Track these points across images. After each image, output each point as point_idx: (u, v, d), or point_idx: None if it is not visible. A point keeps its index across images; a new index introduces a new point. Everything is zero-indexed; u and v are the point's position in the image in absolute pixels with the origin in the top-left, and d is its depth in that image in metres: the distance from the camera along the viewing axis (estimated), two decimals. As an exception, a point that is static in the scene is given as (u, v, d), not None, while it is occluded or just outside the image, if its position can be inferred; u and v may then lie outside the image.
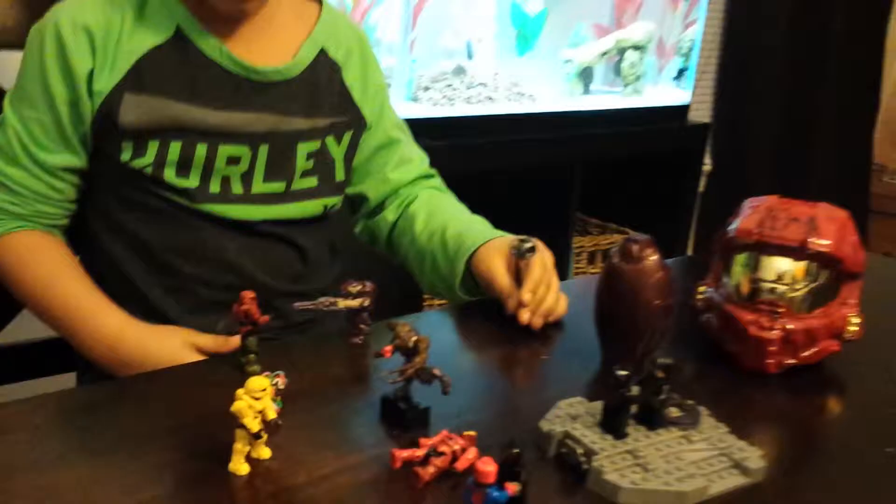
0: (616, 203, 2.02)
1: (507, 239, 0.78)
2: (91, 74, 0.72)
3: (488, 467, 0.43)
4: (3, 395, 0.62)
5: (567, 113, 1.72)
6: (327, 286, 0.82)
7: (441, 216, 0.86)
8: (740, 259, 0.68)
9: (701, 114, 2.48)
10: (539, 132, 1.66)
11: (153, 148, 0.73)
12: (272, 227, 0.79)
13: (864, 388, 0.67)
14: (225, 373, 0.61)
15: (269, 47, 0.77)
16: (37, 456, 0.51)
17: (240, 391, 0.48)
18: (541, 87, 1.69)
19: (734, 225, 0.67)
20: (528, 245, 0.73)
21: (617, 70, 1.84)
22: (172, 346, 0.68)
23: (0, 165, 0.74)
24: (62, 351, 0.91)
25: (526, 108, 1.65)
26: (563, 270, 1.76)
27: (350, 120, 0.83)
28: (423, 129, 1.40)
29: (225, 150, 0.74)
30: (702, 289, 0.72)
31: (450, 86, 1.55)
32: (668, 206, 2.01)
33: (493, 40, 1.65)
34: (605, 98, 1.82)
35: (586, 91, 1.78)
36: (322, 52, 0.80)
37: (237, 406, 0.47)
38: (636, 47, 1.81)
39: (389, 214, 0.89)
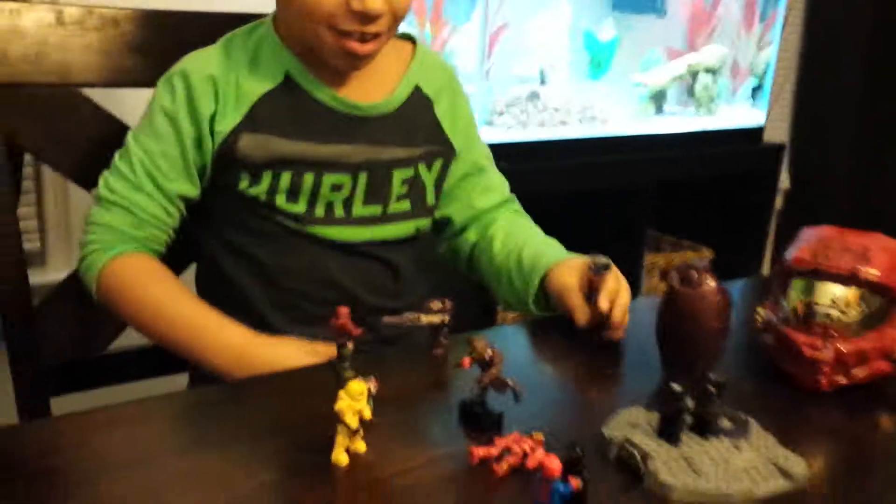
0: (692, 221, 2.05)
1: (581, 259, 0.84)
2: (213, 116, 0.83)
3: (554, 463, 0.50)
4: (118, 396, 0.72)
5: (639, 136, 1.77)
6: (417, 301, 0.90)
7: (518, 237, 0.93)
8: (797, 284, 0.73)
9: (777, 134, 2.48)
10: (612, 154, 1.71)
11: (267, 178, 0.83)
12: (370, 248, 0.88)
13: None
14: (323, 378, 0.69)
15: (370, 86, 0.87)
16: (165, 447, 0.60)
17: (341, 392, 0.56)
18: (613, 110, 1.75)
19: (790, 253, 0.72)
20: (602, 261, 0.79)
21: (690, 92, 1.88)
22: (297, 352, 0.77)
23: (125, 191, 0.84)
24: (169, 355, 1.02)
25: (598, 132, 1.71)
26: (634, 286, 1.80)
27: (441, 149, 0.92)
28: (497, 153, 1.49)
29: (329, 179, 0.85)
30: (761, 311, 0.77)
31: (524, 110, 1.62)
32: (744, 225, 2.03)
33: (566, 66, 1.72)
34: (679, 120, 1.86)
35: (659, 113, 1.82)
36: (416, 89, 0.90)
37: (339, 405, 0.55)
38: (709, 70, 1.84)
39: (471, 236, 0.97)
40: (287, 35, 0.86)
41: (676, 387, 0.57)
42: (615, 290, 0.79)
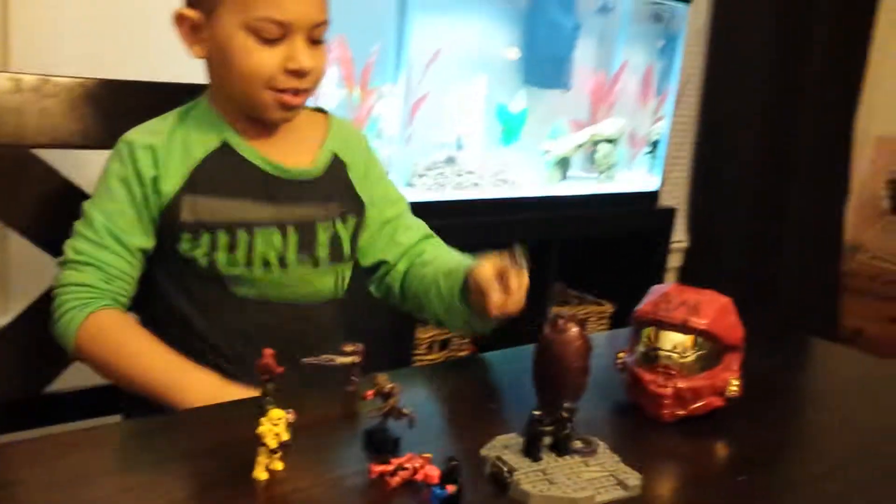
0: (596, 277, 2.23)
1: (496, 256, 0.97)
2: (156, 179, 0.95)
3: (434, 472, 0.63)
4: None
5: (546, 197, 1.94)
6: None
7: (444, 256, 1.08)
8: (645, 332, 0.88)
9: (672, 198, 2.71)
10: (521, 213, 1.87)
11: (206, 238, 0.95)
12: (297, 307, 1.01)
13: (738, 433, 0.87)
14: (249, 411, 0.81)
15: (294, 153, 1.02)
16: (103, 468, 0.71)
17: (263, 419, 0.68)
18: (523, 174, 1.92)
19: (639, 305, 0.88)
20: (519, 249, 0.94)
21: (592, 159, 2.07)
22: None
23: (92, 251, 0.95)
24: (105, 396, 1.11)
25: (509, 193, 1.87)
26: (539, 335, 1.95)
27: (353, 207, 1.05)
28: (417, 212, 1.63)
29: (262, 235, 0.97)
30: (620, 355, 0.93)
31: (441, 173, 1.78)
32: (643, 281, 2.20)
33: (480, 134, 1.89)
34: (581, 184, 2.04)
35: (564, 178, 2.01)
36: (334, 155, 1.04)
37: (261, 429, 0.67)
38: (609, 140, 2.04)
39: (401, 267, 1.10)
40: (222, 107, 0.99)
41: (536, 413, 0.71)
42: (519, 274, 0.94)
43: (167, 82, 1.12)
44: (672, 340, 0.86)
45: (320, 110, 1.09)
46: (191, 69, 1.04)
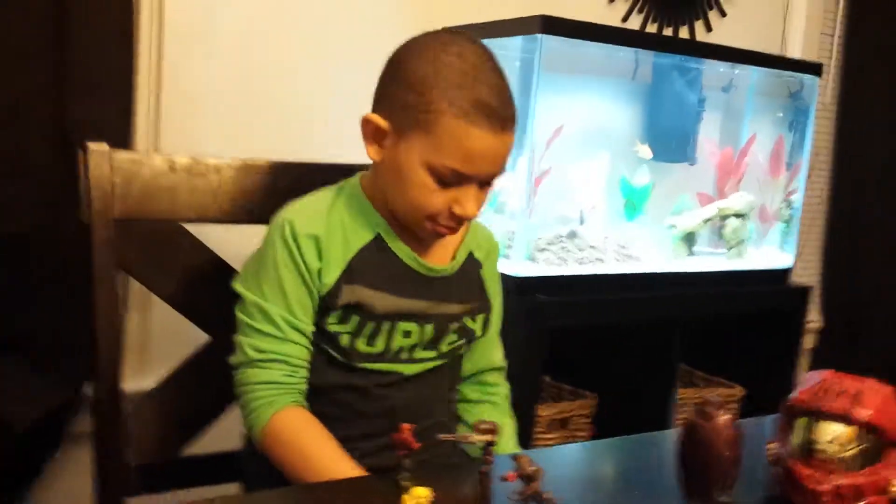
0: (724, 359, 2.13)
1: None
2: (319, 272, 0.98)
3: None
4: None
5: (671, 274, 1.88)
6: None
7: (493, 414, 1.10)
8: (800, 422, 0.83)
9: (805, 275, 2.59)
10: (645, 291, 1.81)
11: (353, 321, 0.97)
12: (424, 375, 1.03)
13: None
14: (387, 486, 0.80)
15: (437, 251, 1.04)
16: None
17: (405, 496, 0.67)
18: (647, 249, 1.87)
19: (793, 395, 0.83)
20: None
21: (720, 234, 2.00)
22: None
23: (276, 347, 0.96)
24: (227, 463, 1.13)
25: (633, 269, 1.83)
26: (665, 418, 1.87)
27: (483, 305, 1.08)
28: (539, 286, 1.62)
29: (402, 327, 0.99)
30: (772, 445, 0.87)
31: (564, 248, 1.76)
32: (774, 363, 2.09)
33: (603, 208, 1.87)
34: (709, 259, 1.98)
35: (690, 253, 1.95)
36: (470, 254, 1.07)
37: (405, 506, 0.66)
38: (738, 215, 1.97)
39: (474, 394, 1.13)
40: (376, 201, 1.01)
41: (690, 506, 0.67)
42: None
43: (304, 162, 1.17)
44: (831, 432, 0.80)
45: None
46: (327, 150, 1.09)
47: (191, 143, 1.55)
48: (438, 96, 0.92)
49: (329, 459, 0.92)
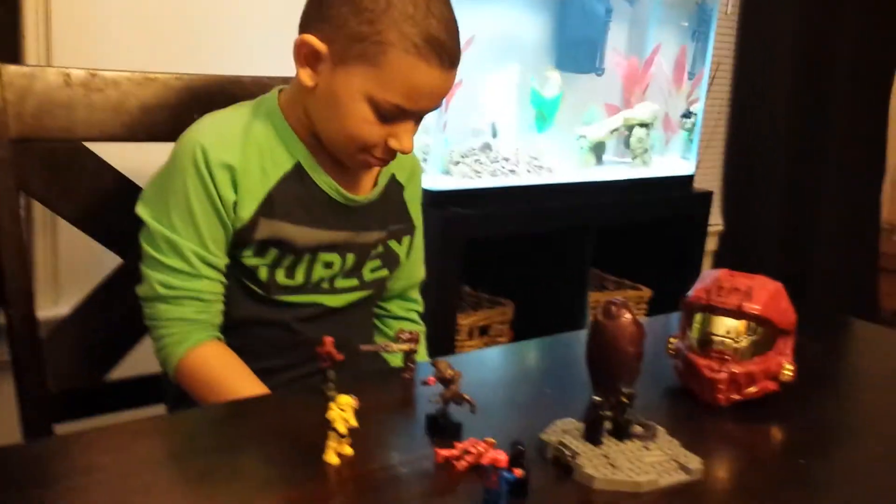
0: (633, 262, 2.23)
1: None
2: (235, 204, 0.93)
3: (502, 457, 0.64)
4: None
5: (581, 183, 1.94)
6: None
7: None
8: (697, 318, 0.89)
9: (707, 181, 2.70)
10: (557, 200, 1.87)
11: (271, 254, 0.96)
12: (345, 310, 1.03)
13: (793, 417, 0.87)
14: (313, 398, 0.82)
15: (357, 179, 1.01)
16: (175, 454, 0.73)
17: (331, 404, 0.69)
18: (558, 160, 1.92)
19: (690, 292, 0.89)
20: None
21: (626, 144, 2.06)
22: None
23: (187, 283, 0.92)
24: (152, 386, 1.14)
25: (545, 179, 1.87)
26: (579, 321, 1.96)
27: (406, 227, 1.07)
28: (454, 199, 1.64)
29: (323, 258, 0.98)
30: (672, 340, 0.93)
31: (477, 160, 1.79)
32: (680, 265, 2.21)
33: (514, 120, 1.89)
34: (617, 168, 2.04)
35: (599, 163, 2.00)
36: (392, 177, 1.04)
37: (331, 414, 0.69)
38: (643, 124, 2.03)
39: (397, 309, 1.15)
40: (296, 123, 0.96)
41: (596, 398, 0.72)
42: None
43: (215, 75, 1.13)
44: (725, 326, 0.87)
45: None
46: (237, 63, 1.05)
47: (86, 59, 1.47)
48: (388, 26, 0.87)
49: (243, 388, 0.91)
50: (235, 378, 0.93)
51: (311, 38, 0.91)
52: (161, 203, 0.94)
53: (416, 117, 0.94)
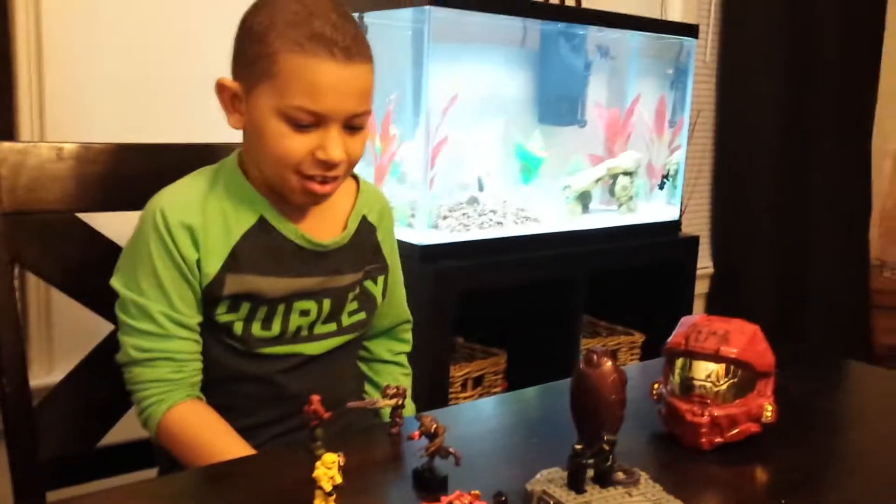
0: (624, 307, 2.24)
1: None
2: (198, 262, 0.95)
3: (484, 508, 0.65)
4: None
5: (568, 232, 1.96)
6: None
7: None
8: (678, 363, 0.91)
9: (694, 226, 2.73)
10: (545, 249, 1.89)
11: (244, 308, 0.97)
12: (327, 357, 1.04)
13: (776, 458, 0.88)
14: (299, 456, 0.84)
15: (327, 223, 1.03)
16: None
17: (318, 463, 0.70)
18: (544, 210, 1.95)
19: (670, 338, 0.90)
20: None
21: (612, 192, 2.10)
22: None
23: (158, 345, 0.94)
24: (144, 450, 1.14)
25: (532, 230, 1.90)
26: (573, 367, 1.96)
27: (380, 266, 1.09)
28: (443, 253, 1.67)
29: (298, 306, 0.99)
30: (656, 385, 0.95)
31: (465, 214, 1.82)
32: (670, 309, 2.22)
33: (501, 173, 1.93)
34: (603, 216, 2.07)
35: (585, 211, 2.04)
36: (363, 219, 1.06)
37: (317, 473, 0.70)
38: (626, 173, 2.07)
39: (384, 352, 1.16)
40: (256, 178, 0.99)
41: (577, 446, 0.73)
42: None
43: (201, 143, 1.17)
44: (705, 370, 0.89)
45: (352, 176, 1.09)
46: (220, 129, 1.08)
47: (79, 132, 1.51)
48: (274, 37, 0.90)
49: (223, 448, 0.91)
50: (215, 438, 0.94)
51: (225, 80, 0.96)
52: (130, 271, 0.97)
53: (337, 122, 0.92)
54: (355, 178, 1.10)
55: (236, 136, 1.16)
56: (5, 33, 1.42)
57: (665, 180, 2.19)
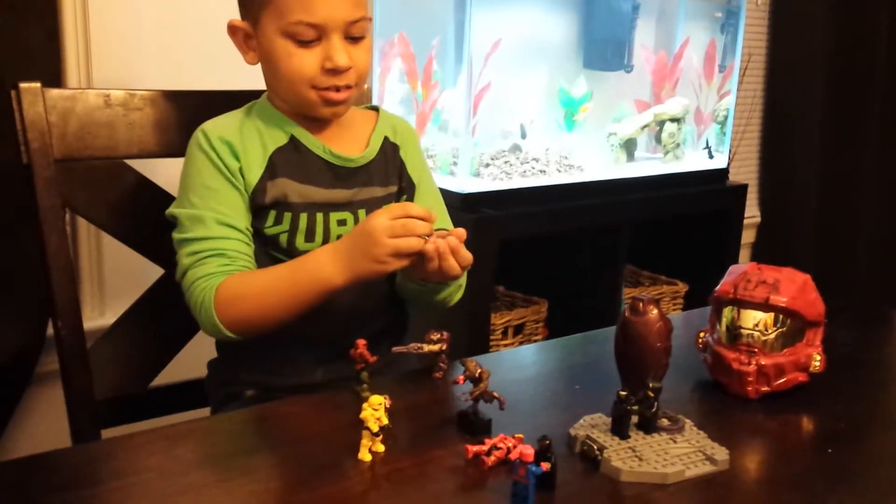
0: (668, 257, 2.22)
1: None
2: (241, 170, 1.00)
3: (529, 451, 0.66)
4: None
5: (613, 180, 1.93)
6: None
7: None
8: (726, 311, 0.89)
9: (742, 174, 2.67)
10: (588, 198, 1.87)
11: (287, 219, 1.01)
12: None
13: (823, 408, 0.88)
14: (345, 398, 0.85)
15: (351, 143, 1.07)
16: (214, 455, 0.76)
17: (365, 404, 0.72)
18: (588, 158, 1.92)
19: (718, 285, 0.89)
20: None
21: (658, 139, 2.06)
22: (373, 216, 0.93)
23: (207, 246, 0.96)
24: (196, 390, 1.17)
25: (575, 178, 1.88)
26: (614, 317, 1.96)
27: (406, 186, 1.11)
28: (485, 201, 1.66)
29: (335, 216, 1.03)
30: (701, 334, 0.94)
31: (507, 162, 1.80)
32: (716, 259, 2.19)
33: (544, 120, 1.90)
34: (648, 164, 2.03)
35: (630, 159, 2.00)
36: (385, 139, 1.10)
37: (364, 414, 0.71)
38: (673, 119, 2.03)
39: None
40: (281, 107, 1.05)
41: (622, 393, 0.73)
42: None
43: (244, 89, 1.17)
44: (753, 318, 0.88)
45: (373, 108, 1.15)
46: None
47: (124, 76, 1.53)
48: None
49: (282, 271, 0.96)
50: (263, 275, 0.97)
51: (234, 21, 1.04)
52: (182, 194, 1.02)
53: (337, 32, 0.98)
54: (377, 109, 1.14)
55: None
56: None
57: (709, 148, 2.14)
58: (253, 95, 1.14)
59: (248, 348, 1.02)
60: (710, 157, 2.15)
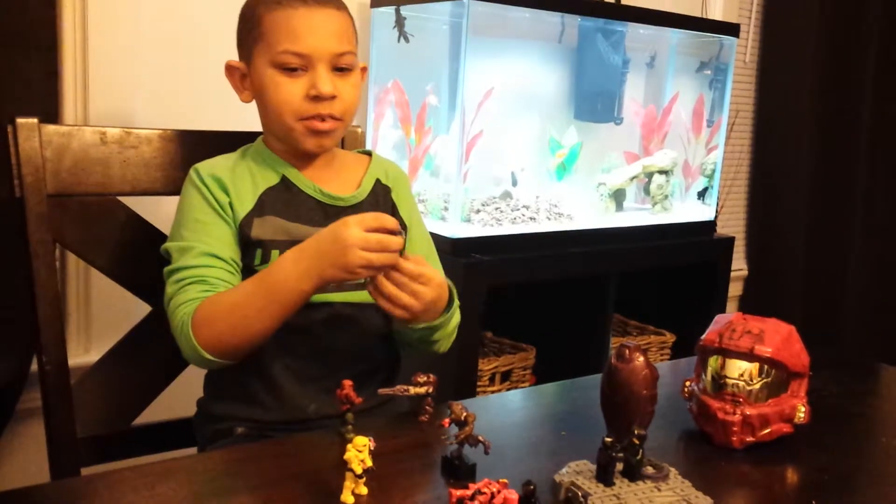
0: (656, 307, 2.23)
1: None
2: (230, 204, 1.03)
3: (512, 495, 0.65)
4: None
5: (601, 230, 1.95)
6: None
7: None
8: (711, 361, 0.90)
9: (729, 227, 2.70)
10: (577, 246, 1.88)
11: (275, 256, 1.01)
12: (353, 308, 1.06)
13: (807, 459, 0.88)
14: (330, 439, 0.85)
15: (342, 183, 1.10)
16: (196, 496, 0.75)
17: (349, 445, 0.71)
18: (578, 207, 1.94)
19: (704, 334, 0.90)
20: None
21: (646, 190, 2.09)
22: (337, 223, 0.93)
23: (189, 274, 0.97)
24: (182, 429, 1.16)
25: (565, 226, 1.89)
26: (601, 365, 1.95)
27: (400, 226, 1.10)
28: (475, 246, 1.67)
29: None
30: (687, 383, 0.94)
31: (498, 208, 1.82)
32: (703, 310, 2.20)
33: (534, 169, 1.92)
34: (637, 215, 2.06)
35: (619, 209, 2.02)
36: (377, 181, 1.12)
37: (348, 455, 0.71)
38: (662, 171, 2.06)
39: None
40: (275, 147, 1.08)
41: (608, 439, 0.73)
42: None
43: (237, 131, 1.19)
44: (739, 368, 0.88)
45: (366, 152, 1.18)
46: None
47: (120, 114, 1.54)
48: (259, 8, 1.04)
49: (255, 281, 0.96)
50: (251, 281, 0.97)
51: (231, 61, 1.09)
52: (175, 230, 1.04)
53: (323, 63, 1.02)
54: (369, 153, 1.17)
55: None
56: (52, 22, 1.45)
57: (704, 190, 2.17)
58: (246, 136, 1.16)
59: (238, 384, 1.02)
60: (705, 202, 2.18)
